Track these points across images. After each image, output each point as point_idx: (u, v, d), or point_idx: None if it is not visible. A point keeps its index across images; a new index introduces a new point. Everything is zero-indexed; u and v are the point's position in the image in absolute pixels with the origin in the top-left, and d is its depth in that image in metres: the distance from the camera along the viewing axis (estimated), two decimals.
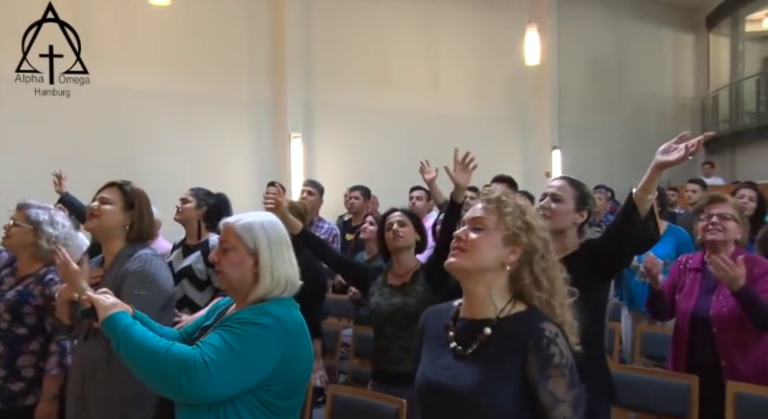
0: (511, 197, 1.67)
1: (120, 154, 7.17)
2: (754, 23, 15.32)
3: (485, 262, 1.60)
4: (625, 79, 13.30)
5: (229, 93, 8.30)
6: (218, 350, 1.74)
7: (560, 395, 1.52)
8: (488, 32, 10.77)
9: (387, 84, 9.67)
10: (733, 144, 14.07)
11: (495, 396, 1.52)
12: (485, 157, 11.39)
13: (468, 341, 1.60)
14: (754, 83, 14.32)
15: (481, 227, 1.62)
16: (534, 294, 1.62)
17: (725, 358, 2.89)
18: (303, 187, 5.76)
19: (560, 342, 1.55)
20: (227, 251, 1.91)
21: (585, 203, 2.55)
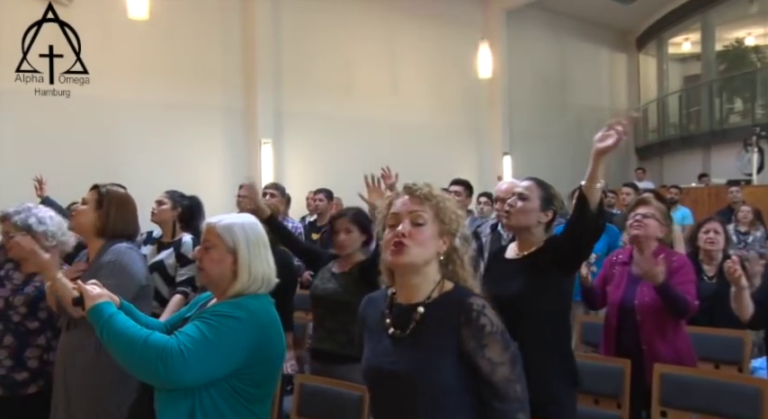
0: (439, 192, 1.64)
1: (102, 158, 7.02)
2: (675, 46, 15.78)
3: (427, 254, 1.59)
4: (567, 92, 13.51)
5: (204, 101, 8.20)
6: (193, 339, 1.74)
7: (497, 359, 1.52)
8: (445, 47, 10.82)
9: (351, 94, 9.64)
10: (661, 152, 14.41)
11: (436, 373, 1.52)
12: (442, 162, 11.59)
13: (405, 324, 1.59)
14: (677, 98, 14.71)
15: (422, 222, 1.59)
16: (463, 274, 1.63)
17: (646, 342, 2.96)
18: (265, 190, 5.71)
19: (488, 312, 1.54)
20: (208, 249, 1.90)
21: (551, 203, 2.50)
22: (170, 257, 3.54)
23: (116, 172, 6.31)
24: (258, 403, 1.87)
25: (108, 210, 2.61)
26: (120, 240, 2.62)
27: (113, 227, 2.62)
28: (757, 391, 2.57)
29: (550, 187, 2.54)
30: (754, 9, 13.05)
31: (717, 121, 13.16)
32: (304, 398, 2.74)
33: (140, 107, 7.56)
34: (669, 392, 2.78)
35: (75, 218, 2.67)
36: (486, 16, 11.48)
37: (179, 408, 1.77)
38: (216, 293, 1.94)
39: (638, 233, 3.09)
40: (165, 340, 1.73)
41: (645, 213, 3.11)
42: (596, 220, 2.21)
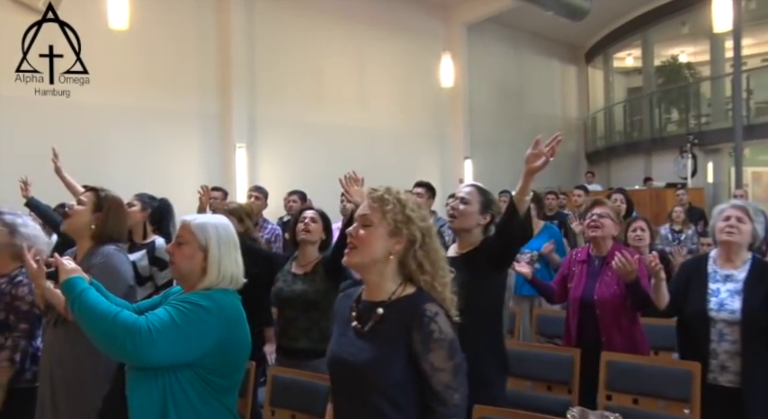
0: (393, 194, 1.64)
1: (80, 163, 6.80)
2: (620, 60, 16.15)
3: (374, 254, 1.60)
4: (524, 101, 13.67)
5: (181, 107, 8.09)
6: (162, 321, 1.73)
7: (440, 365, 1.53)
8: (410, 58, 10.86)
9: (321, 101, 9.61)
10: (608, 157, 14.68)
11: (387, 368, 1.54)
12: (407, 166, 11.60)
13: (367, 320, 1.61)
14: (622, 108, 15.02)
15: (369, 224, 1.61)
16: (420, 277, 1.62)
17: (605, 334, 3.02)
18: (250, 192, 5.67)
19: (440, 319, 1.55)
20: (181, 244, 1.90)
21: (489, 208, 2.57)
22: (142, 259, 3.45)
23: (94, 176, 6.14)
24: (225, 393, 1.86)
25: (107, 214, 2.55)
26: (110, 244, 2.56)
27: (109, 232, 2.56)
28: (689, 374, 2.65)
29: (489, 193, 2.62)
30: (686, 30, 13.43)
31: (657, 129, 13.47)
32: (276, 390, 2.73)
33: (118, 112, 7.42)
34: (614, 377, 2.85)
35: (70, 218, 2.57)
36: (448, 30, 11.55)
37: (149, 389, 1.76)
38: (185, 287, 1.92)
39: (594, 234, 3.15)
40: (134, 318, 1.72)
41: (600, 213, 3.17)
42: (524, 226, 2.31)
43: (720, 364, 2.61)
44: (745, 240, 2.67)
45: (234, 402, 1.92)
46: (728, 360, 2.59)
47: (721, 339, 2.61)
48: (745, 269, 2.66)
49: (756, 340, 2.55)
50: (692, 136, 11.42)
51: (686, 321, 2.75)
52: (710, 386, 2.61)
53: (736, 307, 2.59)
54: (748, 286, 2.61)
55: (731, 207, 2.72)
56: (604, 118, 15.39)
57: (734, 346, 2.58)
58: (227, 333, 1.82)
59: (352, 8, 9.89)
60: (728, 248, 2.69)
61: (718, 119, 12.26)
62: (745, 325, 2.56)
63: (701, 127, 12.24)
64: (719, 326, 2.62)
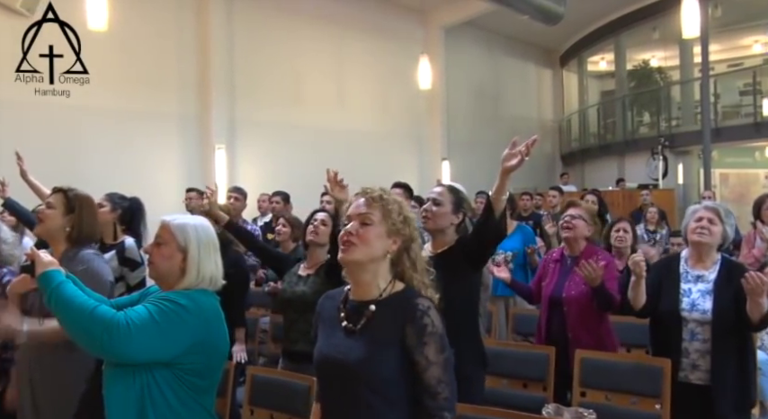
0: (390, 195, 1.67)
1: (59, 164, 6.71)
2: (593, 64, 16.34)
3: (373, 253, 1.60)
4: (500, 103, 13.76)
5: (160, 107, 8.00)
6: (141, 317, 1.70)
7: (433, 358, 1.54)
8: (388, 60, 10.87)
9: (300, 102, 9.58)
10: (582, 158, 14.85)
11: (380, 364, 1.54)
12: (385, 167, 11.59)
13: (357, 319, 1.61)
14: (596, 110, 15.20)
15: (369, 222, 1.61)
16: (414, 276, 1.64)
17: (572, 331, 3.07)
18: (229, 193, 5.63)
19: (432, 313, 1.57)
20: (160, 245, 1.87)
21: (461, 207, 2.59)
22: (112, 260, 3.35)
23: (73, 177, 6.03)
24: (203, 393, 1.84)
25: (80, 215, 2.50)
26: (86, 245, 2.51)
27: (85, 232, 2.51)
28: (660, 370, 2.69)
29: (460, 192, 2.63)
30: (656, 35, 13.64)
31: (629, 132, 13.66)
32: (255, 389, 2.71)
33: (96, 113, 7.31)
34: (588, 374, 2.88)
35: (43, 222, 2.50)
36: (426, 32, 11.58)
37: (126, 388, 1.73)
38: (163, 288, 1.89)
39: (567, 235, 3.20)
40: (112, 312, 1.70)
41: (573, 214, 3.22)
42: (499, 226, 2.33)
43: (692, 363, 2.64)
44: (715, 241, 2.70)
45: (212, 402, 1.90)
46: (699, 358, 2.63)
47: (693, 338, 2.64)
48: (715, 269, 2.69)
49: (726, 339, 2.58)
50: (662, 138, 11.62)
51: (659, 320, 2.79)
52: (682, 383, 2.65)
53: (707, 308, 2.62)
54: (718, 287, 2.64)
55: (703, 208, 2.76)
56: (579, 120, 15.55)
57: (705, 345, 2.61)
58: (206, 332, 1.80)
59: (331, 10, 9.87)
60: (699, 249, 2.72)
61: (688, 122, 12.48)
62: (715, 324, 2.59)
63: (671, 129, 12.44)
64: (691, 326, 2.64)
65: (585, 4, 11.58)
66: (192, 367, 1.78)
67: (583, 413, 2.54)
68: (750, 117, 11.31)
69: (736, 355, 2.60)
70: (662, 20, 12.33)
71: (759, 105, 11.25)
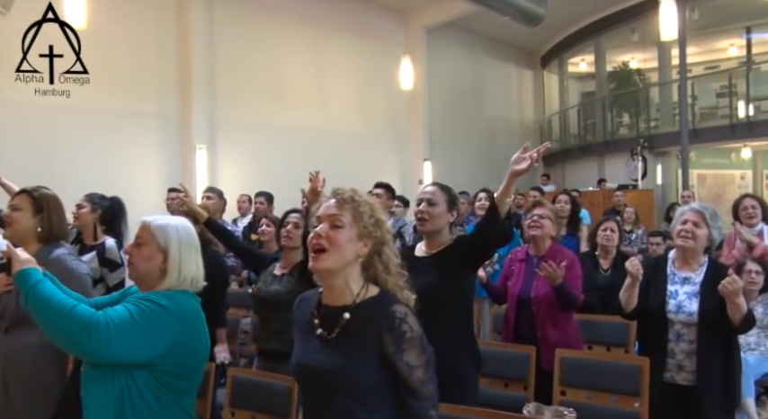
0: (362, 196, 1.61)
1: (37, 163, 6.66)
2: (574, 65, 16.49)
3: (345, 257, 1.55)
4: (482, 104, 13.84)
5: (140, 107, 7.92)
6: (121, 316, 1.68)
7: (414, 362, 1.53)
8: (370, 60, 10.87)
9: (281, 102, 9.54)
10: (563, 159, 14.98)
11: (359, 373, 1.52)
12: (367, 167, 11.59)
13: (332, 326, 1.57)
14: (576, 111, 15.34)
15: (340, 225, 1.55)
16: (387, 279, 1.60)
17: (540, 330, 3.11)
18: (203, 193, 5.61)
19: (409, 319, 1.54)
20: (140, 245, 1.85)
21: (454, 205, 2.58)
22: (93, 261, 3.33)
23: (51, 177, 5.96)
24: (183, 395, 1.83)
25: (50, 214, 2.47)
26: (58, 243, 2.49)
27: (56, 230, 2.49)
28: (639, 368, 2.72)
29: (451, 189, 2.62)
30: (635, 37, 13.81)
31: (609, 133, 13.80)
32: (236, 390, 2.70)
33: (76, 112, 7.20)
34: (567, 373, 2.91)
35: (12, 225, 2.47)
36: (407, 33, 11.60)
37: (105, 389, 1.71)
38: (142, 289, 1.87)
39: (535, 233, 3.24)
40: (92, 311, 1.67)
41: (540, 214, 3.27)
42: (505, 228, 2.33)
43: (677, 363, 2.66)
44: (699, 245, 2.69)
45: (192, 404, 1.88)
46: (685, 359, 2.64)
47: (679, 339, 2.66)
48: (701, 272, 2.70)
49: (711, 340, 2.60)
50: (642, 139, 11.76)
51: (646, 321, 2.80)
52: (667, 384, 2.67)
53: (693, 309, 2.63)
54: (704, 289, 2.65)
55: (690, 210, 2.76)
56: (559, 121, 15.68)
57: (690, 346, 2.63)
58: (186, 333, 1.78)
59: (313, 10, 9.85)
60: (685, 252, 2.74)
61: (666, 123, 12.65)
62: (701, 326, 2.61)
63: (650, 130, 12.59)
64: (677, 327, 2.66)
65: (566, 5, 11.68)
66: (171, 368, 1.76)
67: (563, 411, 2.57)
68: (726, 119, 11.49)
69: (721, 356, 2.62)
70: (641, 22, 12.48)
71: (735, 107, 11.44)
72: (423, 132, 11.80)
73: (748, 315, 2.54)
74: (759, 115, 11.16)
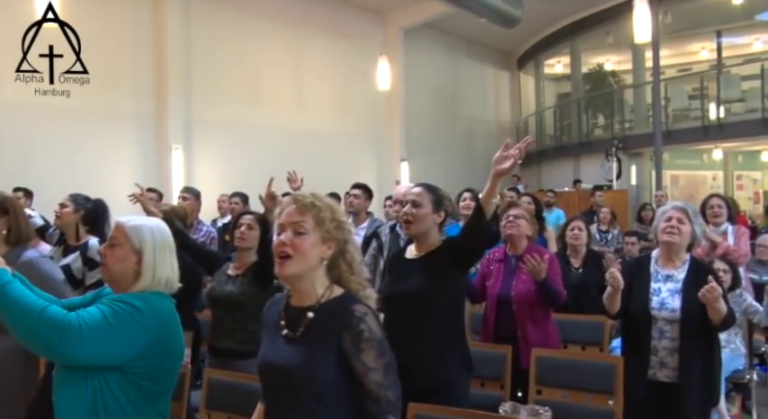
0: (323, 200, 1.63)
1: (10, 163, 6.55)
2: (550, 67, 16.68)
3: (311, 262, 1.59)
4: (459, 104, 13.91)
5: (115, 106, 7.82)
6: (93, 318, 1.65)
7: (371, 364, 1.53)
8: (347, 61, 10.87)
9: (258, 102, 9.50)
10: (539, 159, 15.10)
11: (318, 369, 1.54)
12: (344, 168, 11.59)
13: (296, 326, 1.60)
14: (552, 113, 15.50)
15: (303, 231, 1.58)
16: (350, 278, 1.63)
17: (521, 329, 3.12)
18: (180, 194, 5.54)
19: (369, 319, 1.56)
20: (114, 246, 1.82)
21: (441, 205, 2.53)
22: (76, 261, 3.34)
23: (24, 177, 5.89)
24: (158, 398, 1.81)
25: (15, 216, 2.45)
26: (26, 245, 2.46)
27: (24, 231, 2.46)
28: (613, 367, 2.76)
29: (439, 189, 2.57)
30: (610, 40, 14.02)
31: (584, 134, 13.97)
32: (212, 392, 2.68)
33: (49, 111, 7.08)
34: (543, 372, 2.94)
35: None
36: (385, 34, 11.62)
37: (78, 392, 1.68)
38: (116, 290, 1.85)
39: (512, 232, 3.26)
40: (63, 313, 1.63)
41: (516, 214, 3.30)
42: (491, 229, 2.32)
43: (660, 360, 2.69)
44: (684, 241, 2.75)
45: (167, 407, 1.86)
46: (667, 356, 2.68)
47: (661, 336, 2.69)
48: (684, 269, 2.75)
49: (693, 337, 2.64)
50: (616, 140, 11.92)
51: (629, 319, 2.83)
52: (650, 381, 2.70)
53: (676, 306, 2.68)
54: (687, 286, 2.69)
55: (672, 208, 2.81)
56: (536, 122, 15.82)
57: (673, 343, 2.67)
58: (161, 335, 1.76)
59: (291, 10, 9.81)
60: (669, 248, 2.77)
61: (640, 124, 12.84)
62: (683, 323, 2.64)
63: (624, 132, 12.77)
64: (660, 324, 2.70)
65: (542, 8, 11.80)
66: (146, 371, 1.74)
67: (538, 410, 2.59)
68: (698, 120, 11.71)
69: (702, 353, 2.67)
70: (615, 25, 12.66)
71: (706, 109, 11.66)
72: (400, 133, 11.83)
73: (728, 315, 2.59)
74: (729, 117, 11.40)
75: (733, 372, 3.96)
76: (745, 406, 4.18)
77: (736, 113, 11.51)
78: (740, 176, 15.76)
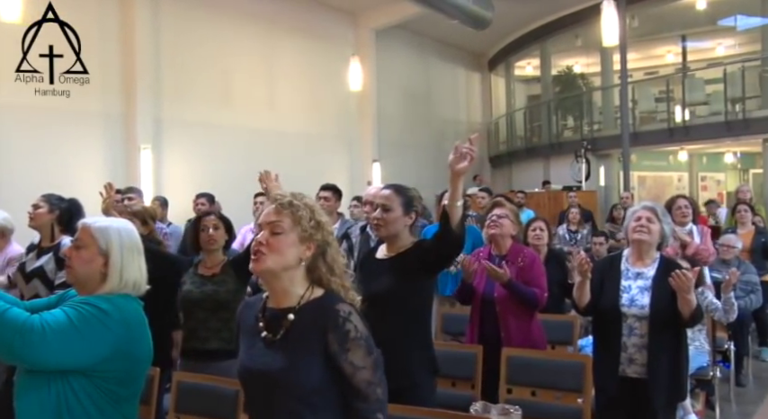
0: (302, 200, 1.62)
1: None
2: (520, 69, 16.88)
3: (286, 261, 1.57)
4: (430, 105, 13.97)
5: (81, 106, 7.62)
6: (58, 320, 1.61)
7: (359, 363, 1.52)
8: (319, 61, 10.83)
9: (229, 102, 9.40)
10: (510, 160, 15.28)
11: (304, 374, 1.52)
12: (316, 168, 11.56)
13: (276, 328, 1.58)
14: (523, 114, 15.68)
15: (279, 231, 1.57)
16: (331, 280, 1.61)
17: (504, 330, 3.14)
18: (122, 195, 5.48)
19: (353, 318, 1.54)
20: (79, 248, 1.79)
21: (412, 206, 2.51)
22: (50, 262, 3.28)
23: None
24: (125, 402, 1.77)
25: None
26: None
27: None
28: (581, 366, 2.81)
29: (409, 190, 2.55)
30: (579, 43, 14.25)
31: (554, 135, 14.15)
32: (182, 395, 2.64)
33: (14, 111, 6.92)
34: (514, 371, 2.97)
35: None
36: (356, 34, 11.61)
37: (40, 398, 1.64)
38: (81, 293, 1.81)
39: (495, 232, 3.29)
40: (26, 315, 1.59)
41: (500, 214, 3.32)
42: (459, 236, 2.29)
43: (629, 357, 2.75)
44: (654, 239, 2.82)
45: (134, 411, 1.83)
46: (636, 352, 2.74)
47: (631, 333, 2.75)
48: (654, 267, 2.82)
49: (661, 334, 2.71)
50: (585, 142, 12.11)
51: (600, 316, 2.88)
52: (620, 377, 2.76)
53: (645, 303, 2.74)
54: (656, 283, 2.76)
55: (642, 208, 2.89)
56: (506, 123, 15.97)
57: (642, 340, 2.73)
58: (128, 338, 1.73)
59: (262, 10, 9.74)
60: (639, 247, 2.84)
61: (609, 126, 13.06)
62: (652, 319, 2.71)
63: (593, 133, 12.97)
64: (630, 321, 2.76)
65: (512, 10, 11.93)
66: (112, 375, 1.71)
67: (509, 409, 2.62)
68: (664, 122, 11.96)
69: (670, 350, 2.73)
70: (584, 28, 12.85)
71: (672, 112, 11.92)
72: (372, 133, 11.82)
73: (697, 309, 2.66)
74: (694, 120, 11.67)
75: (697, 369, 4.05)
76: (708, 402, 4.28)
77: (701, 116, 11.78)
78: (705, 177, 16.17)
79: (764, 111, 10.47)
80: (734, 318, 4.20)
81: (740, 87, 10.69)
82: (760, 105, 10.78)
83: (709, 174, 16.24)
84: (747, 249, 5.88)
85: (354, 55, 10.12)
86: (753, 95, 10.86)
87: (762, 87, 10.94)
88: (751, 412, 4.47)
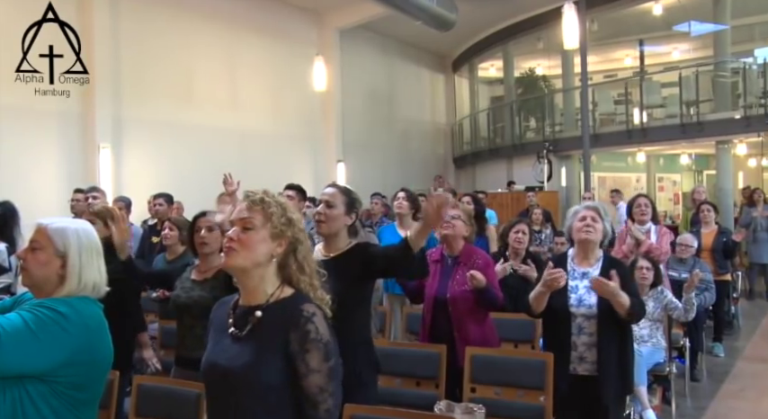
0: (273, 197, 1.62)
1: None
2: (484, 70, 17.06)
3: (257, 258, 1.57)
4: (395, 106, 14.02)
5: (37, 104, 7.41)
6: (13, 324, 1.56)
7: (314, 366, 1.51)
8: (282, 61, 10.77)
9: (191, 101, 9.27)
10: (474, 161, 15.42)
11: (262, 370, 1.51)
12: (280, 168, 11.48)
13: (244, 325, 1.58)
14: (486, 115, 15.86)
15: (250, 227, 1.57)
16: (300, 278, 1.62)
17: (457, 329, 3.19)
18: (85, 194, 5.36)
19: (317, 320, 1.53)
20: (35, 250, 1.73)
21: (354, 207, 2.55)
22: None
23: None
24: (83, 407, 1.73)
25: None
26: None
27: None
28: (543, 363, 2.87)
29: (352, 192, 2.60)
30: (541, 45, 14.48)
31: (517, 136, 14.34)
32: (142, 399, 2.60)
33: None
34: (477, 370, 3.01)
35: None
36: (320, 34, 11.59)
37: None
38: (38, 296, 1.76)
39: (447, 233, 3.33)
40: None
41: (453, 215, 3.35)
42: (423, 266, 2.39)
43: (579, 355, 2.81)
44: (599, 238, 2.90)
45: (93, 416, 1.79)
46: (586, 351, 2.80)
47: (580, 332, 2.81)
48: (598, 266, 2.88)
49: (609, 331, 2.78)
50: (547, 143, 12.32)
51: (551, 317, 2.92)
52: (571, 376, 2.82)
53: (592, 302, 2.80)
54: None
55: (585, 208, 2.96)
56: (470, 124, 16.11)
57: (590, 338, 2.79)
58: (87, 342, 1.69)
59: (224, 9, 9.63)
60: (585, 246, 2.90)
61: (570, 128, 13.31)
62: (600, 318, 2.77)
63: (555, 135, 13.19)
64: (579, 320, 2.82)
65: (476, 12, 12.05)
66: (71, 379, 1.66)
67: (473, 408, 2.65)
68: (623, 124, 12.24)
69: (618, 346, 2.80)
70: (546, 31, 13.07)
71: (630, 114, 12.22)
72: (336, 134, 11.81)
73: (633, 308, 2.72)
74: (651, 122, 11.97)
75: (654, 365, 4.17)
76: (665, 397, 4.41)
77: (658, 119, 12.09)
78: (662, 178, 16.62)
79: (717, 115, 10.83)
80: (692, 317, 4.34)
81: (694, 91, 11.02)
82: (713, 109, 11.13)
83: (665, 175, 16.70)
84: (709, 248, 6.06)
85: (318, 55, 10.09)
86: (706, 99, 11.21)
87: (714, 91, 11.29)
88: (705, 406, 4.61)
